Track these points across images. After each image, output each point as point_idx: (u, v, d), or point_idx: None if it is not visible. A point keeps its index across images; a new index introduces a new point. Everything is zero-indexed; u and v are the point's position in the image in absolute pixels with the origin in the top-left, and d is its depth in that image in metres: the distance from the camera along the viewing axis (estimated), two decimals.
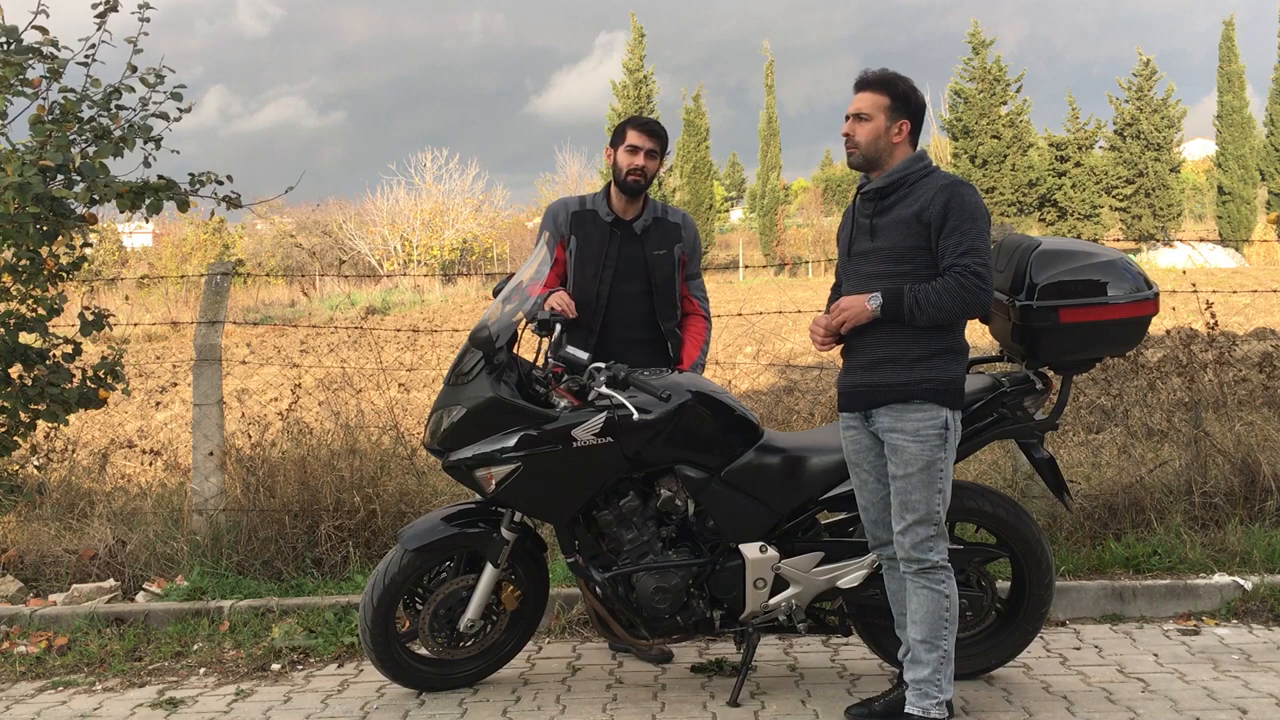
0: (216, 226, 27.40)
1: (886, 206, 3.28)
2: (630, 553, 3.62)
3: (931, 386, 3.21)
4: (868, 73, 3.34)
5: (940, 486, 3.24)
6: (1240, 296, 13.63)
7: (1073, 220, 34.26)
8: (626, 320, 4.02)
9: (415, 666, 3.80)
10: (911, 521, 3.25)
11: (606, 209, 4.07)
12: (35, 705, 3.86)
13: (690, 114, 34.85)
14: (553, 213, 4.14)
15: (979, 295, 3.15)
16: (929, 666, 3.28)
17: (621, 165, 4.00)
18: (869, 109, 3.28)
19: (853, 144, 3.30)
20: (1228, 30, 33.61)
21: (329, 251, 36.61)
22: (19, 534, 5.30)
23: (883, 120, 3.27)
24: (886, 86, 3.28)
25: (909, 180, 3.26)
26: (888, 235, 3.25)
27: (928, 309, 3.16)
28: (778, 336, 10.82)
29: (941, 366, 3.23)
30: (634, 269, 4.04)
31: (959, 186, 3.22)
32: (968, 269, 3.14)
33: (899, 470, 3.25)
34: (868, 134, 3.27)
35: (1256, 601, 4.48)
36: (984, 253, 3.18)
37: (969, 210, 3.18)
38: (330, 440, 5.39)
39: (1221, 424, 5.35)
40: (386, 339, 13.77)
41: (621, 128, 4.06)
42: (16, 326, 4.87)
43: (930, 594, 3.27)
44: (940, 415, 3.22)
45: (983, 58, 34.85)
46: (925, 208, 3.19)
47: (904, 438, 3.22)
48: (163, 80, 4.83)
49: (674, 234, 4.11)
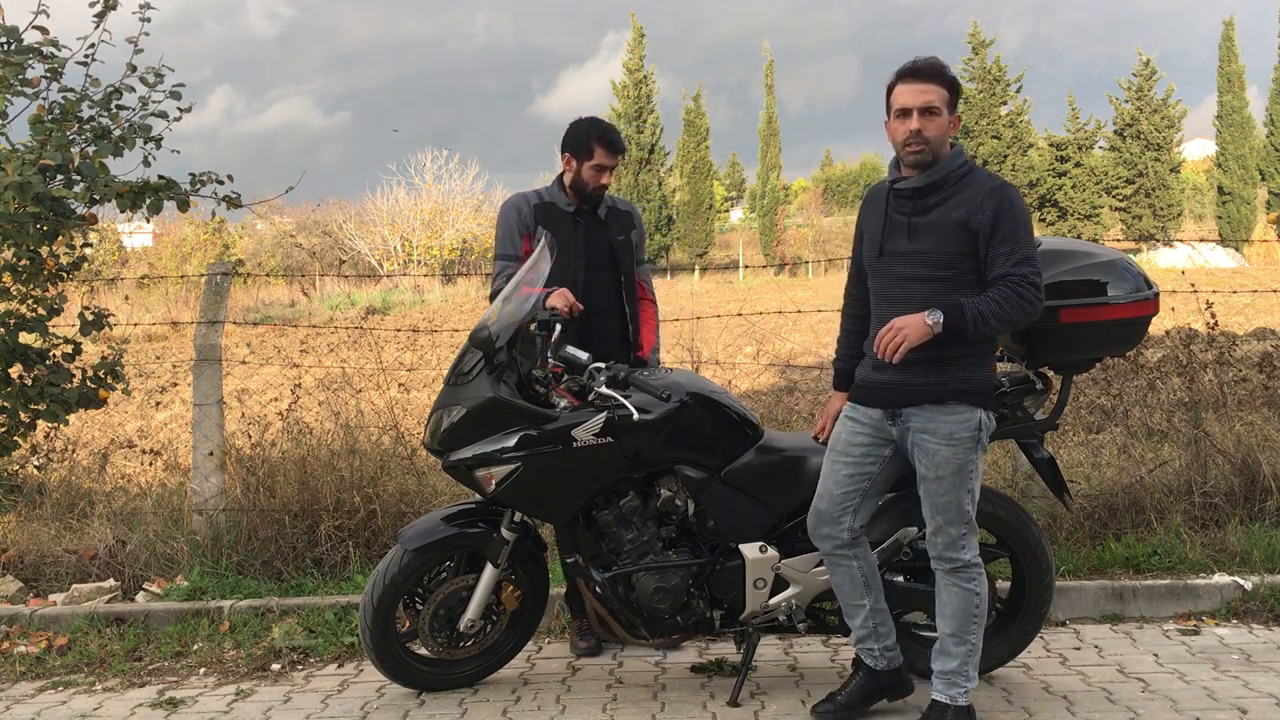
0: (216, 226, 27.37)
1: (927, 207, 3.15)
2: (630, 553, 3.62)
3: (967, 388, 3.16)
4: (928, 62, 3.14)
5: (970, 487, 3.21)
6: (1240, 296, 13.62)
7: (1073, 220, 34.29)
8: (601, 308, 4.03)
9: (415, 666, 3.79)
10: (943, 523, 3.23)
11: (565, 200, 4.08)
12: (35, 705, 3.86)
13: (690, 114, 34.88)
14: (514, 206, 4.10)
15: (1036, 304, 3.09)
16: (957, 659, 3.29)
17: (588, 181, 4.02)
18: (938, 101, 3.10)
19: (922, 141, 3.11)
20: (1227, 30, 33.64)
21: (329, 251, 36.60)
22: (19, 534, 5.30)
23: (946, 115, 3.14)
24: (943, 77, 3.13)
25: (951, 180, 3.14)
26: (930, 238, 3.13)
27: (991, 321, 3.04)
28: (778, 336, 10.82)
29: (975, 366, 3.18)
30: (602, 256, 4.08)
31: (1007, 190, 3.11)
32: (1025, 279, 3.06)
33: (930, 473, 3.20)
34: (938, 130, 3.11)
35: (1256, 601, 4.48)
36: (1035, 260, 3.10)
37: (1019, 217, 3.09)
38: (330, 440, 5.39)
39: (1221, 424, 5.35)
40: (386, 339, 13.77)
41: (587, 141, 3.99)
42: (16, 326, 4.87)
43: (961, 592, 3.27)
44: (975, 416, 3.17)
45: (982, 58, 34.88)
46: (973, 213, 3.08)
47: (937, 442, 3.16)
48: (162, 80, 4.83)
49: (627, 221, 4.19)
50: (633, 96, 34.37)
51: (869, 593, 3.39)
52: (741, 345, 10.73)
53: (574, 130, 4.05)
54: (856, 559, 3.37)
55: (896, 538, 3.59)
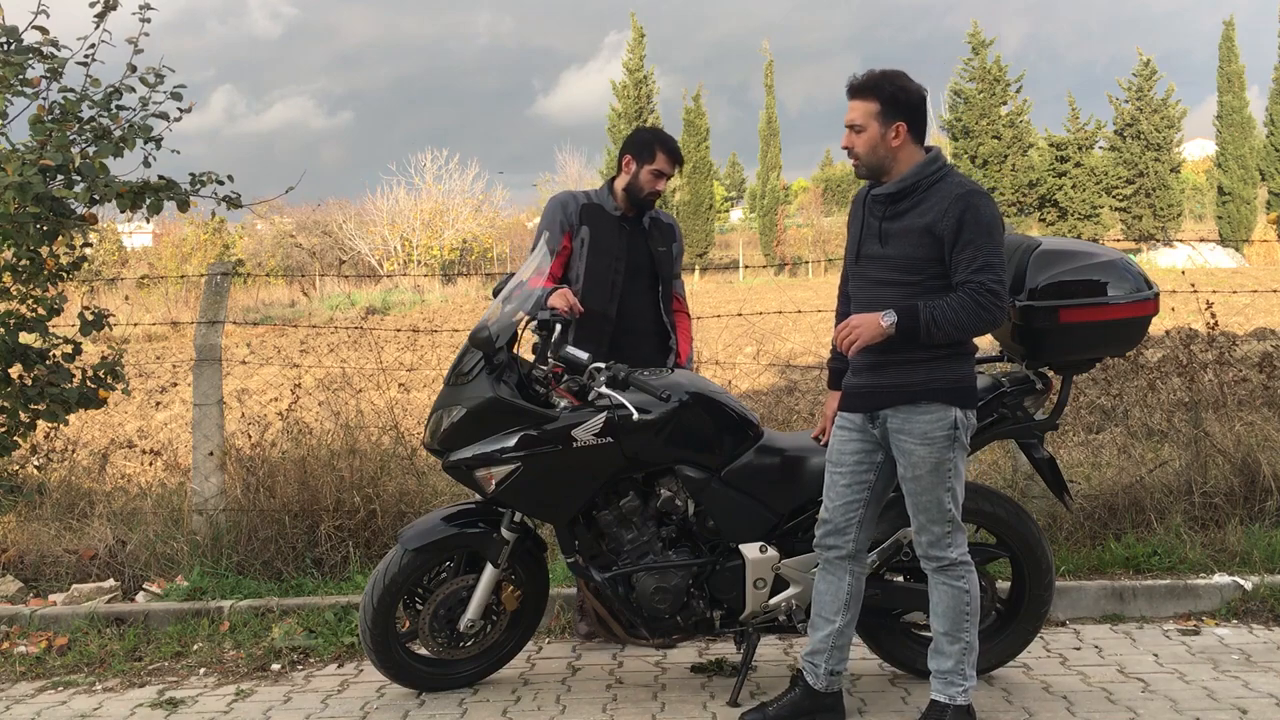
0: (216, 226, 27.37)
1: (898, 213, 3.19)
2: (630, 553, 3.62)
3: (939, 386, 3.18)
4: (854, 79, 3.21)
5: (950, 485, 3.22)
6: (1240, 296, 13.61)
7: (1073, 220, 34.26)
8: (636, 311, 4.12)
9: (415, 666, 3.80)
10: (925, 521, 3.25)
11: (613, 205, 4.14)
12: (35, 705, 3.86)
13: (690, 114, 34.84)
14: (560, 203, 4.18)
15: (995, 312, 3.10)
16: (952, 658, 3.30)
17: (644, 185, 4.08)
18: (860, 118, 3.17)
19: (854, 155, 3.22)
20: (1228, 30, 33.62)
21: (329, 251, 36.60)
22: (19, 534, 5.30)
23: (876, 127, 3.16)
24: (873, 91, 3.17)
25: (921, 186, 3.16)
26: (899, 244, 3.18)
27: (945, 326, 3.08)
28: (778, 336, 10.81)
29: (948, 366, 3.20)
30: (641, 263, 4.15)
31: (974, 197, 3.11)
32: (983, 286, 3.07)
33: (907, 473, 3.23)
34: (865, 144, 3.18)
35: (1256, 601, 4.48)
36: (999, 268, 3.11)
37: (984, 223, 3.10)
38: (330, 440, 5.39)
39: (1221, 424, 5.35)
40: (386, 339, 13.76)
41: (650, 146, 4.06)
42: (16, 326, 4.87)
43: (950, 590, 3.28)
44: (949, 415, 3.19)
45: (983, 58, 34.86)
46: (938, 220, 3.11)
47: (911, 441, 3.20)
48: (163, 80, 4.84)
49: (669, 234, 4.26)
50: (633, 96, 34.35)
51: (845, 613, 3.39)
52: (741, 345, 10.72)
53: (638, 134, 4.14)
54: (851, 574, 3.38)
55: (896, 537, 3.59)
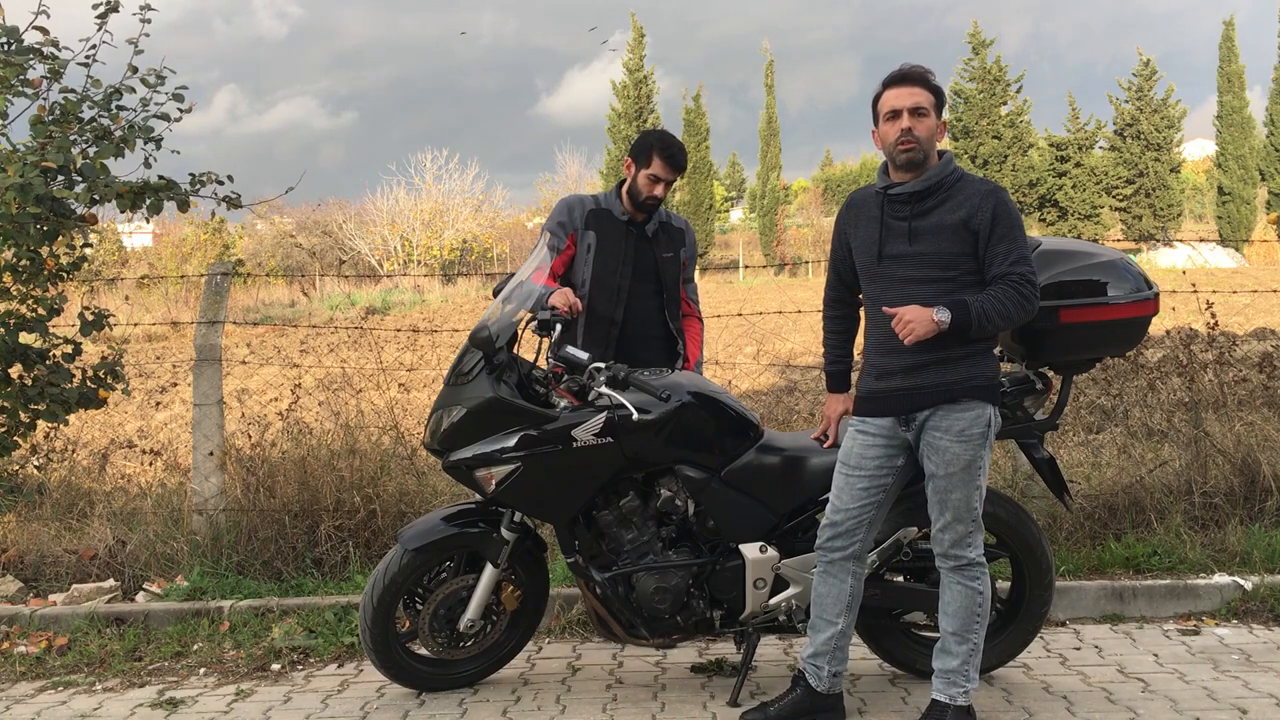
0: (216, 227, 27.38)
1: (925, 210, 3.21)
2: (630, 553, 3.62)
3: (978, 383, 3.20)
4: (914, 68, 3.26)
5: (979, 484, 3.24)
6: (1240, 296, 13.63)
7: (1073, 220, 34.27)
8: (642, 316, 4.13)
9: (415, 666, 3.80)
10: (951, 519, 3.25)
11: (621, 209, 4.15)
12: (35, 705, 3.87)
13: (690, 114, 34.83)
14: (568, 205, 4.19)
15: (1034, 303, 3.17)
16: (958, 658, 3.31)
17: (642, 190, 4.08)
18: (927, 104, 3.21)
19: (913, 139, 3.19)
20: (1228, 30, 33.63)
21: (329, 252, 36.60)
22: (19, 534, 5.30)
23: (934, 117, 3.23)
24: (928, 83, 3.25)
25: (946, 184, 3.22)
26: (931, 240, 3.20)
27: (994, 319, 3.12)
28: (778, 336, 10.82)
29: (982, 363, 3.23)
30: (646, 268, 4.16)
31: (1001, 193, 3.22)
32: (1024, 278, 3.15)
33: (940, 470, 3.23)
34: (927, 130, 3.20)
35: (1256, 601, 4.48)
36: (1031, 260, 3.20)
37: (1014, 218, 3.20)
38: (330, 440, 5.39)
39: (1221, 424, 5.35)
40: (386, 339, 13.77)
41: (648, 150, 4.06)
42: (16, 326, 4.87)
43: (965, 590, 3.29)
44: (986, 412, 3.21)
45: (983, 58, 34.87)
46: (972, 214, 3.16)
47: (948, 439, 3.20)
48: (163, 81, 4.84)
49: (679, 238, 4.26)
50: (633, 96, 34.36)
51: (847, 614, 3.39)
52: (741, 345, 10.74)
53: (641, 138, 4.15)
54: (853, 575, 3.38)
55: (896, 537, 3.59)
